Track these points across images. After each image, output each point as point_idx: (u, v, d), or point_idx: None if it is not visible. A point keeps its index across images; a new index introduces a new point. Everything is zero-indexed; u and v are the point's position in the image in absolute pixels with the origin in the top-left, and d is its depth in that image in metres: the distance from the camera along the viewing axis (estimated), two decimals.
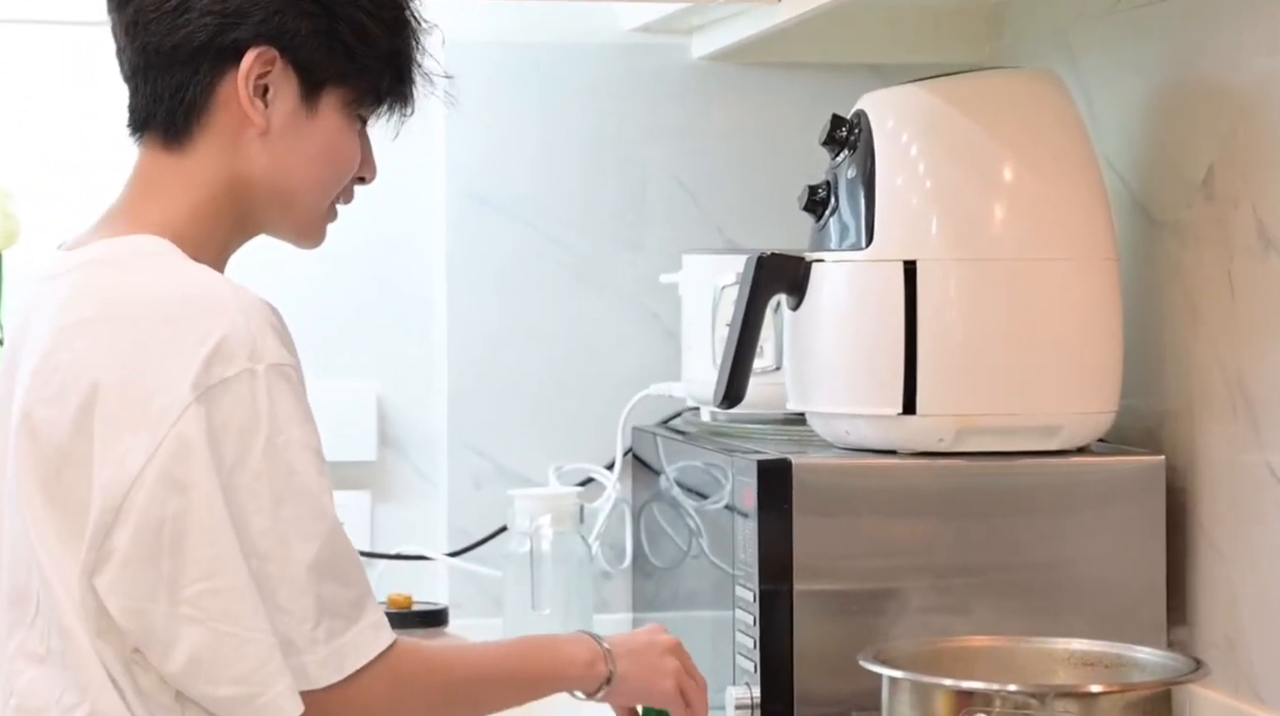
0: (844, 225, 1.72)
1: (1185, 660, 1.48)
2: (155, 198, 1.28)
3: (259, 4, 1.27)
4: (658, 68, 2.14)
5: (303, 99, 1.29)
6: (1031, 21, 2.01)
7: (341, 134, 1.31)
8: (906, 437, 1.67)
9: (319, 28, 1.28)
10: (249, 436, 1.18)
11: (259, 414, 1.18)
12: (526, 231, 2.13)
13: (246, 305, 1.21)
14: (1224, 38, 1.66)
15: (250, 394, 1.18)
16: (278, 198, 1.30)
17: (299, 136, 1.29)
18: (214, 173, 1.28)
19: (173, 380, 1.17)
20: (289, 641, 1.18)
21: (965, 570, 1.66)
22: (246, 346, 1.19)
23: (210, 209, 1.28)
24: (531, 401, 2.13)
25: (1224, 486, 1.66)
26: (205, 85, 1.27)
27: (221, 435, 1.17)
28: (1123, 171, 1.81)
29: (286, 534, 1.19)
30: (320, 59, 1.28)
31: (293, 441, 1.19)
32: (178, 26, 1.26)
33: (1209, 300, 1.68)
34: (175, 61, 1.27)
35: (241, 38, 1.26)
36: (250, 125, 1.28)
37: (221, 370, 1.18)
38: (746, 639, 1.67)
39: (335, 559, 1.20)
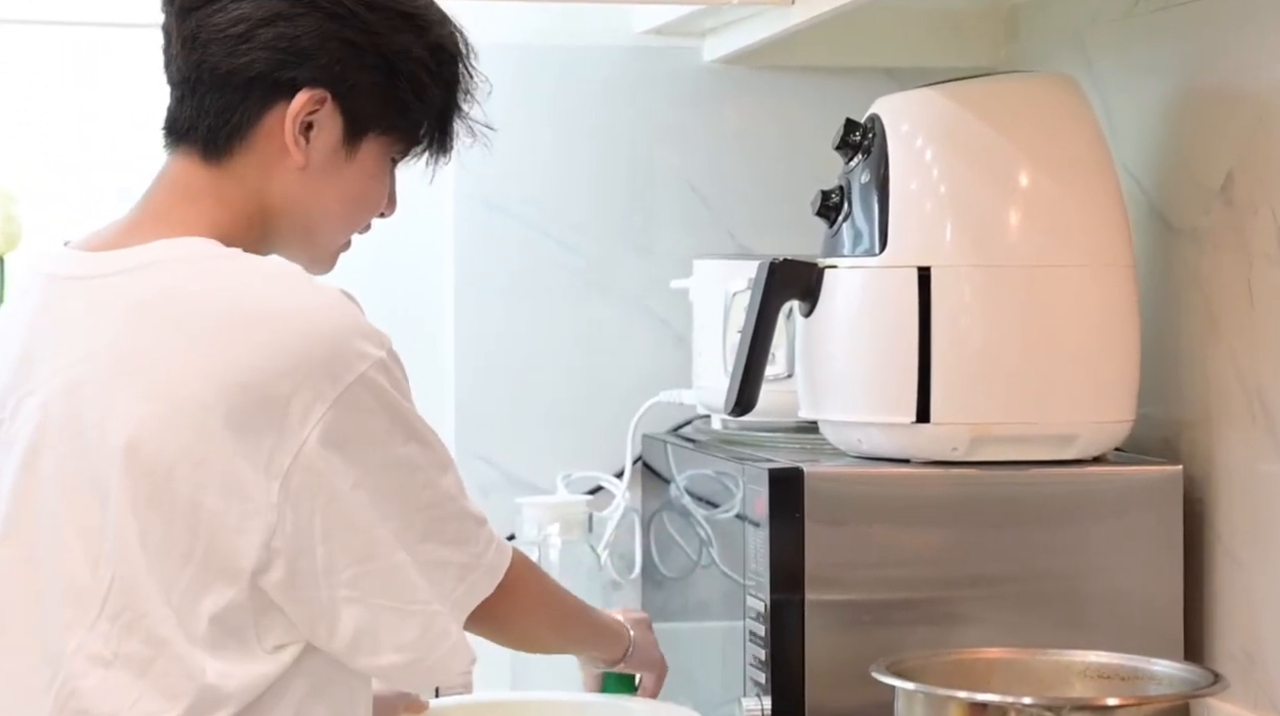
0: (857, 231, 1.72)
1: (1203, 673, 1.47)
2: (192, 205, 1.30)
3: (324, 49, 1.29)
4: (670, 70, 2.15)
5: (344, 141, 1.32)
6: (1047, 25, 2.02)
7: (375, 178, 1.35)
8: (920, 446, 1.67)
9: (377, 81, 1.31)
10: (389, 421, 1.25)
11: (390, 398, 1.25)
12: (535, 236, 2.13)
13: (344, 299, 1.27)
14: (1243, 42, 1.66)
15: (380, 386, 1.24)
16: (301, 229, 1.33)
17: (334, 176, 1.32)
18: (245, 194, 1.31)
19: (306, 380, 1.21)
20: (464, 565, 1.29)
21: (979, 581, 1.66)
22: (365, 342, 1.25)
23: (236, 226, 1.30)
24: (540, 408, 2.13)
25: (1243, 496, 1.66)
26: (253, 113, 1.29)
27: (363, 428, 1.23)
28: (1140, 177, 1.82)
29: (435, 477, 1.28)
30: (371, 110, 1.32)
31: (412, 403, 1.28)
32: (238, 53, 1.29)
33: (1227, 308, 1.68)
34: (228, 85, 1.29)
35: (299, 77, 1.29)
36: (289, 158, 1.30)
37: (355, 364, 1.23)
38: (758, 649, 1.67)
39: (457, 472, 1.31)
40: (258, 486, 1.21)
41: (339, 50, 1.30)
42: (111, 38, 2.06)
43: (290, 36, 1.29)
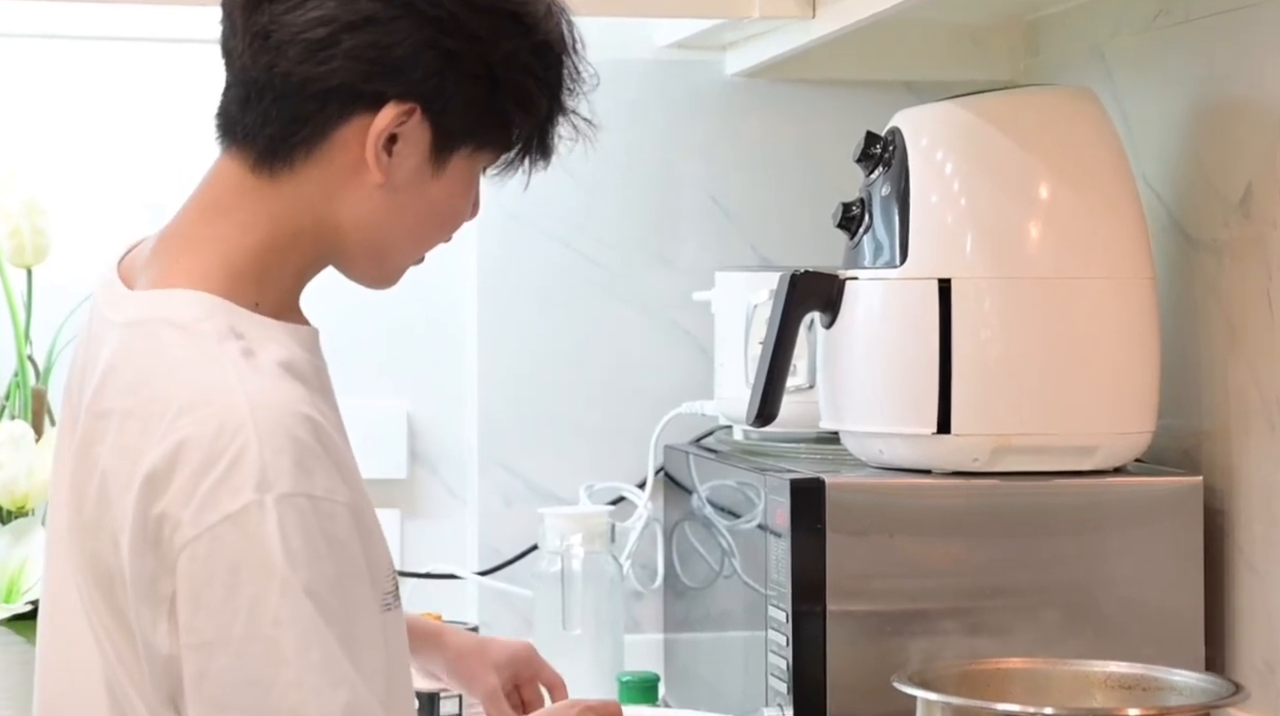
0: (878, 243, 1.72)
1: (1223, 683, 1.48)
2: (224, 220, 1.17)
3: (420, 60, 1.13)
4: (692, 84, 2.15)
5: (432, 156, 1.16)
6: (1067, 38, 2.01)
7: (464, 192, 1.20)
8: (941, 457, 1.68)
9: (477, 92, 1.15)
10: (261, 582, 1.06)
11: (269, 554, 1.06)
12: (559, 248, 2.14)
13: (264, 418, 1.08)
14: (1262, 55, 1.66)
15: (258, 532, 1.06)
16: (372, 249, 1.19)
17: (417, 193, 1.17)
18: (303, 209, 1.16)
19: (176, 505, 1.07)
20: None
21: (1000, 591, 1.66)
22: (256, 475, 1.06)
23: (286, 244, 1.17)
24: (563, 419, 2.13)
25: (1263, 507, 1.66)
26: (327, 125, 1.14)
27: (227, 579, 1.06)
28: (1160, 190, 1.82)
29: (315, 685, 1.06)
30: (467, 123, 1.16)
31: (314, 577, 1.07)
32: (319, 60, 1.13)
33: (1247, 320, 1.68)
34: (302, 93, 1.13)
35: (388, 91, 1.13)
36: (364, 175, 1.15)
37: (228, 502, 1.06)
38: (779, 660, 1.67)
39: (362, 702, 1.08)
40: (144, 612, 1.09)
41: (436, 61, 1.14)
42: (142, 52, 2.06)
43: (382, 45, 1.13)
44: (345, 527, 1.09)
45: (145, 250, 1.21)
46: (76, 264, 1.97)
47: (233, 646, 1.06)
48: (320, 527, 1.08)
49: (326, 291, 1.28)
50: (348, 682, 1.08)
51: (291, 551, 1.06)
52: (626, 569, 2.08)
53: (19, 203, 1.97)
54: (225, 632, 1.06)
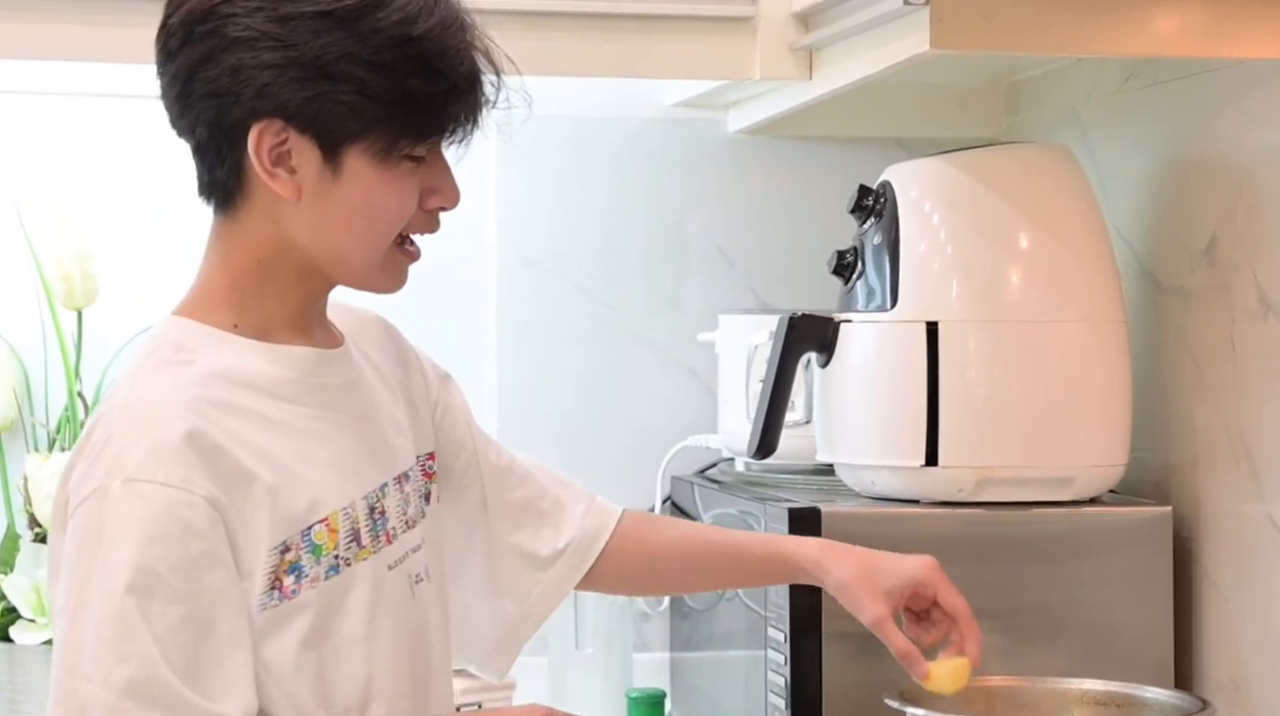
0: (870, 288, 1.75)
1: (1192, 700, 1.51)
2: (207, 263, 1.26)
3: (246, 82, 1.19)
4: (697, 140, 2.17)
5: (325, 161, 1.21)
6: (1045, 100, 2.04)
7: (378, 187, 1.22)
8: (929, 488, 1.71)
9: (315, 92, 1.19)
10: (92, 556, 1.14)
11: (102, 533, 1.14)
12: (572, 291, 2.16)
13: (134, 412, 1.17)
14: (1225, 115, 1.71)
15: (101, 512, 1.14)
16: (328, 257, 1.25)
17: (331, 198, 1.22)
18: (261, 238, 1.24)
19: (63, 494, 1.19)
20: None
21: (984, 613, 1.61)
22: (110, 461, 1.15)
23: (259, 270, 1.24)
24: (576, 451, 2.14)
25: (1228, 536, 1.70)
26: (232, 163, 1.22)
27: (76, 554, 1.15)
28: (1131, 240, 1.85)
29: (103, 654, 1.12)
30: (328, 122, 1.20)
31: (120, 560, 1.13)
32: (187, 114, 1.22)
33: (1212, 360, 1.72)
34: (199, 145, 1.23)
35: (239, 117, 1.20)
36: (280, 196, 1.22)
37: (88, 484, 1.16)
38: (778, 678, 1.70)
39: (149, 682, 1.12)
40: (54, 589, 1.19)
41: (262, 76, 1.18)
42: None
43: (214, 78, 1.19)
44: (203, 518, 1.15)
45: None
46: (123, 306, 2.02)
47: (67, 614, 1.14)
48: (165, 513, 1.14)
49: None
50: (139, 658, 1.12)
51: (118, 531, 1.13)
52: None
53: (71, 250, 2.01)
54: (66, 601, 1.15)
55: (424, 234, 1.27)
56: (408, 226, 1.26)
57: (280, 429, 1.23)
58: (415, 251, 1.28)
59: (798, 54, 1.87)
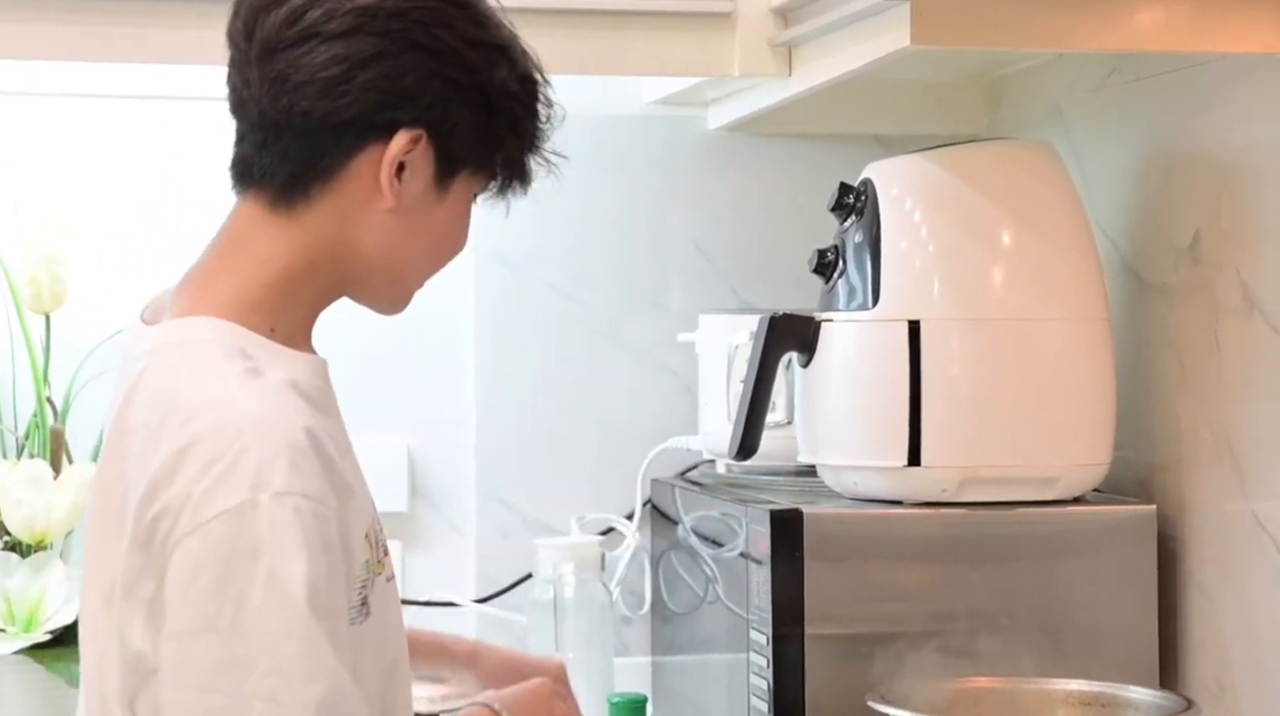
0: (851, 287, 1.75)
1: (1177, 699, 1.52)
2: (242, 257, 1.21)
3: (427, 88, 1.19)
4: (676, 137, 2.16)
5: (436, 181, 1.22)
6: (1027, 96, 2.05)
7: (463, 217, 1.25)
8: (912, 488, 1.71)
9: (477, 118, 1.21)
10: (248, 574, 1.09)
11: (258, 548, 1.09)
12: (551, 293, 2.15)
13: (262, 423, 1.12)
14: (1209, 111, 1.71)
15: (250, 527, 1.09)
16: (384, 273, 1.24)
17: (424, 216, 1.22)
18: (322, 238, 1.21)
19: (174, 505, 1.11)
20: None
21: (969, 614, 1.69)
22: (251, 475, 1.10)
23: (304, 273, 1.21)
24: (556, 454, 2.15)
25: (1212, 534, 1.70)
26: (343, 156, 1.19)
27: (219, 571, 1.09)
28: (1114, 236, 1.85)
29: (289, 676, 1.08)
30: (467, 148, 1.22)
31: (296, 579, 1.09)
32: (336, 96, 1.18)
33: (1196, 358, 1.72)
34: (321, 128, 1.19)
35: (400, 119, 1.19)
36: (377, 201, 1.20)
37: (224, 499, 1.10)
38: (760, 681, 1.70)
39: (337, 696, 1.10)
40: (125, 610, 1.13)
41: (442, 89, 1.19)
42: (157, 109, 2.08)
43: (392, 77, 1.18)
44: (334, 533, 1.12)
45: (167, 295, 1.26)
46: (92, 310, 2.00)
47: (218, 634, 1.08)
48: (314, 527, 1.11)
49: (333, 334, 1.32)
50: (327, 675, 1.09)
51: (282, 546, 1.09)
52: (616, 596, 2.09)
53: (39, 253, 1.99)
54: (212, 621, 1.09)
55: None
56: None
57: (337, 441, 1.20)
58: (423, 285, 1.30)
59: (777, 50, 1.87)
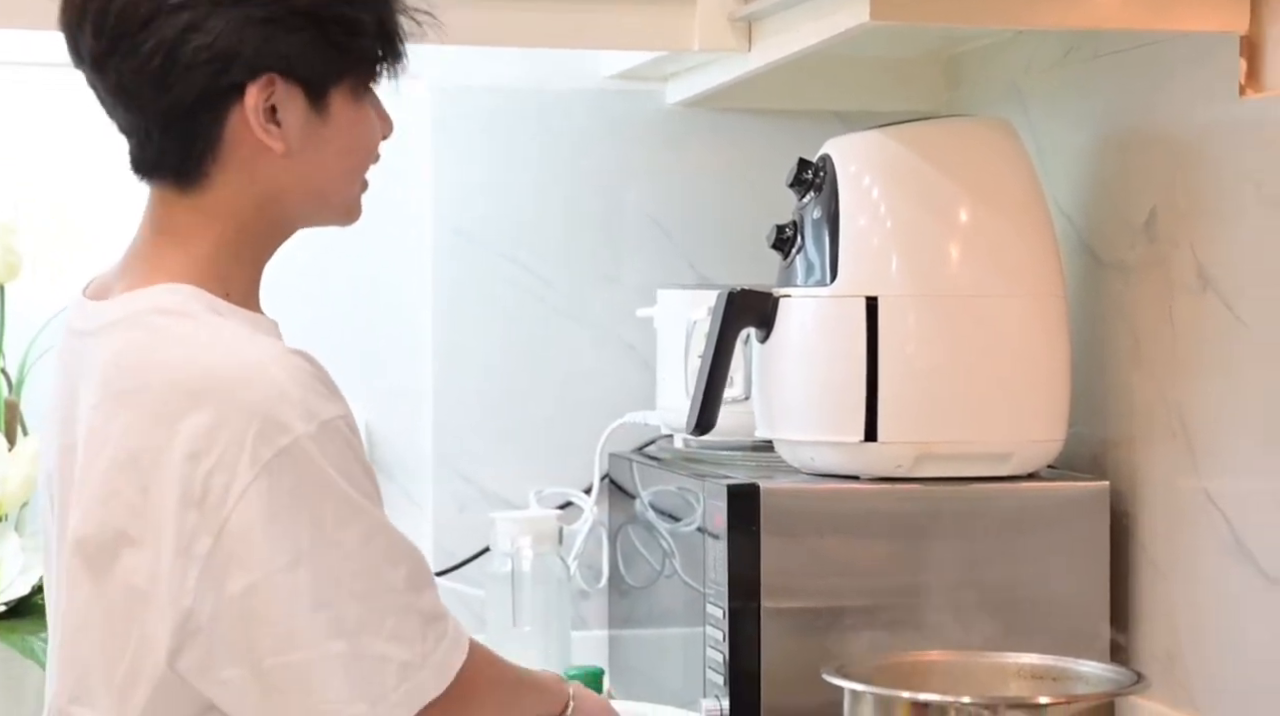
0: (809, 262, 1.76)
1: (1127, 673, 1.53)
2: (175, 241, 1.24)
3: (246, 39, 1.19)
4: (635, 113, 2.17)
5: (311, 107, 1.23)
6: (986, 73, 2.06)
7: (358, 123, 1.26)
8: (868, 463, 1.72)
9: (309, 39, 1.21)
10: (319, 498, 1.15)
11: (323, 474, 1.15)
12: (510, 267, 2.16)
13: (283, 365, 1.17)
14: (1166, 90, 1.72)
15: (310, 458, 1.14)
16: (314, 201, 1.26)
17: (319, 141, 1.23)
18: (240, 201, 1.23)
19: (228, 457, 1.13)
20: (407, 664, 1.17)
21: (923, 589, 1.70)
22: (295, 410, 1.15)
23: (236, 238, 1.24)
24: (514, 428, 2.15)
25: (1164, 510, 1.72)
26: (214, 130, 1.21)
27: (290, 504, 1.14)
28: (1071, 214, 1.86)
29: (377, 566, 1.17)
30: (319, 67, 1.22)
31: (356, 489, 1.17)
32: (170, 84, 1.20)
33: (1151, 335, 1.73)
34: (176, 117, 1.21)
35: (238, 78, 1.20)
36: (269, 151, 1.22)
37: (280, 439, 1.14)
38: (716, 654, 1.71)
39: (418, 567, 1.20)
40: (177, 568, 1.14)
41: (260, 33, 1.19)
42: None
43: (208, 44, 1.19)
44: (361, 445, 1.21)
45: (110, 274, 1.27)
46: (47, 282, 1.99)
47: (307, 559, 1.14)
48: (356, 441, 1.19)
49: (291, 307, 1.33)
50: (405, 555, 1.19)
51: (341, 468, 1.15)
52: (573, 569, 2.10)
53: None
54: (299, 551, 1.14)
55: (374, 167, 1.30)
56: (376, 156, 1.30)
57: None
58: (367, 181, 1.31)
59: (737, 25, 1.87)
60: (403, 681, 1.17)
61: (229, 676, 1.15)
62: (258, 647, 1.15)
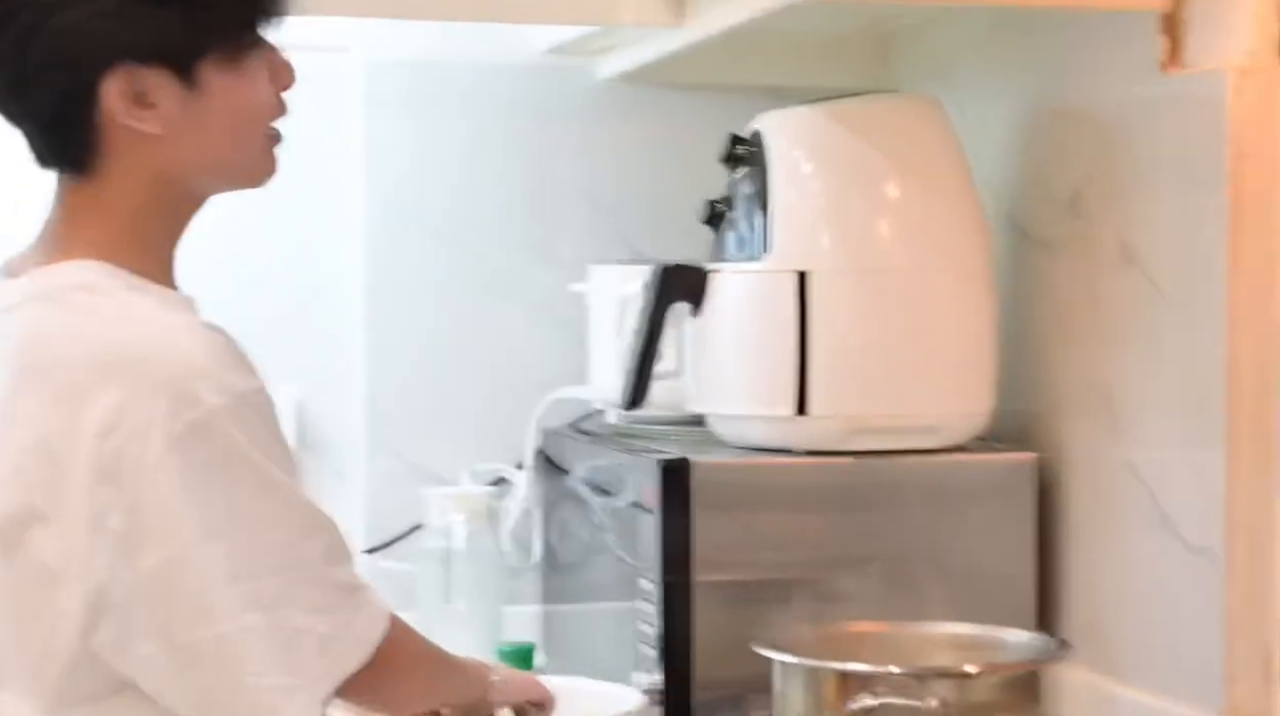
0: (741, 238, 1.77)
1: (1052, 641, 1.55)
2: (84, 221, 1.23)
3: (93, 35, 1.18)
4: (567, 88, 2.17)
5: (182, 84, 1.20)
6: (915, 50, 2.07)
7: (238, 87, 1.23)
8: (799, 437, 1.73)
9: (161, 23, 1.19)
10: (233, 472, 1.15)
11: (237, 446, 1.15)
12: (442, 243, 2.15)
13: (195, 339, 1.17)
14: (1089, 68, 1.74)
15: (222, 431, 1.14)
16: (210, 173, 1.25)
17: (200, 115, 1.21)
18: (133, 187, 1.22)
19: (139, 431, 1.13)
20: (326, 636, 1.17)
21: (853, 561, 1.72)
22: (207, 383, 1.14)
23: (142, 218, 1.23)
24: (446, 405, 2.15)
25: (1088, 481, 1.74)
26: (85, 129, 1.20)
27: (203, 477, 1.14)
28: (997, 190, 1.88)
29: (294, 540, 1.17)
30: (176, 47, 1.20)
31: (272, 462, 1.17)
32: (28, 89, 1.20)
33: (1075, 310, 1.75)
34: (47, 118, 1.21)
35: (90, 75, 1.19)
36: (152, 135, 1.21)
37: (190, 413, 1.13)
38: (649, 628, 1.72)
39: (336, 540, 1.20)
40: (89, 544, 1.13)
41: (107, 25, 1.18)
42: None
43: (56, 46, 1.18)
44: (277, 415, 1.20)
45: (25, 252, 1.26)
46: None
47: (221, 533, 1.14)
48: (271, 414, 1.19)
49: (220, 283, 1.32)
50: (321, 527, 1.19)
51: (255, 441, 1.15)
52: (506, 545, 2.10)
53: None
54: (213, 524, 1.13)
55: (281, 118, 1.27)
56: (275, 114, 1.27)
57: None
58: (277, 133, 1.28)
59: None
60: (323, 654, 1.17)
61: (145, 652, 1.15)
62: (173, 622, 1.14)
